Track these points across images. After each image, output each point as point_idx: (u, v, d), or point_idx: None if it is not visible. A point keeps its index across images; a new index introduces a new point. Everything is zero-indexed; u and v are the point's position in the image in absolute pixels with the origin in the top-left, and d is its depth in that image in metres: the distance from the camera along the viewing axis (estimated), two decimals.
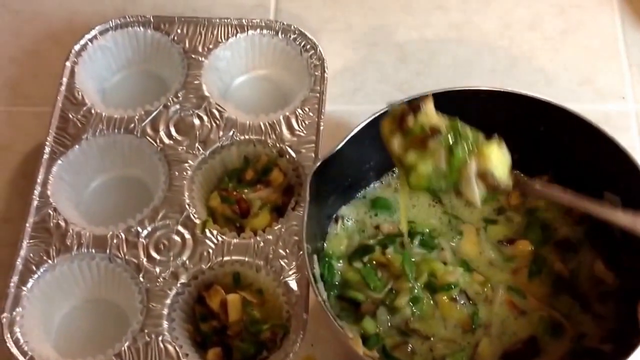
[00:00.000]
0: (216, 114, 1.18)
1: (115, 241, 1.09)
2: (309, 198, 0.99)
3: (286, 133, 1.16)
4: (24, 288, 1.05)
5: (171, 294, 1.05)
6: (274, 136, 1.16)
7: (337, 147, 1.01)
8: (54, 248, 1.08)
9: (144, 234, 1.09)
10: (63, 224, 1.09)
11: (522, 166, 1.03)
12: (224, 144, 1.16)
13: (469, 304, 1.03)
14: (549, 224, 1.08)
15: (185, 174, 1.13)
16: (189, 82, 1.21)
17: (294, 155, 1.14)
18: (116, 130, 1.17)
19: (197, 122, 1.18)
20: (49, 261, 1.07)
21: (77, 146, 1.15)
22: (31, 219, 1.10)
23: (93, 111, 1.18)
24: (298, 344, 1.01)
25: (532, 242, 1.07)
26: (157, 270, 1.07)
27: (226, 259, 1.07)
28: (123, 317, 1.08)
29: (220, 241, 1.08)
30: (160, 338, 1.02)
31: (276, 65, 1.27)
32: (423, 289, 1.02)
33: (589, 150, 1.04)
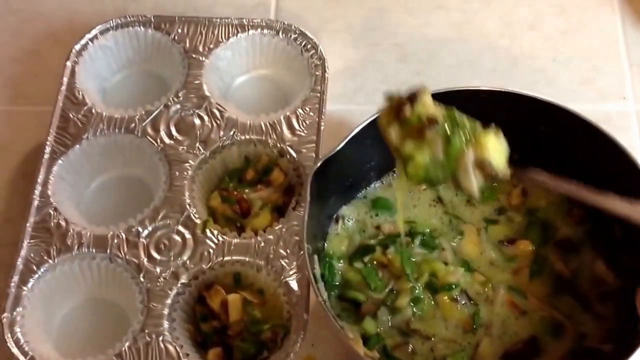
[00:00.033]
0: (217, 113, 1.18)
1: (115, 241, 1.08)
2: (309, 198, 0.98)
3: (287, 133, 1.16)
4: (25, 288, 1.05)
5: (172, 294, 1.05)
6: (274, 136, 1.16)
7: (338, 147, 1.01)
8: (54, 248, 1.08)
9: (144, 233, 1.09)
10: (64, 224, 1.09)
11: (522, 166, 1.03)
12: (224, 143, 1.16)
13: (469, 304, 1.03)
14: (549, 224, 1.08)
15: (186, 173, 1.13)
16: (189, 82, 1.21)
17: (294, 155, 1.14)
18: (117, 130, 1.17)
19: (197, 121, 1.17)
20: (50, 261, 1.07)
21: (77, 146, 1.15)
22: (32, 219, 1.09)
23: (94, 111, 1.18)
24: (299, 344, 1.01)
25: (532, 242, 1.06)
26: (158, 270, 1.06)
27: (227, 259, 1.07)
28: (123, 317, 1.08)
29: (220, 241, 1.08)
30: (161, 338, 1.02)
31: (277, 65, 1.27)
32: (424, 289, 1.02)
33: (590, 150, 1.04)
